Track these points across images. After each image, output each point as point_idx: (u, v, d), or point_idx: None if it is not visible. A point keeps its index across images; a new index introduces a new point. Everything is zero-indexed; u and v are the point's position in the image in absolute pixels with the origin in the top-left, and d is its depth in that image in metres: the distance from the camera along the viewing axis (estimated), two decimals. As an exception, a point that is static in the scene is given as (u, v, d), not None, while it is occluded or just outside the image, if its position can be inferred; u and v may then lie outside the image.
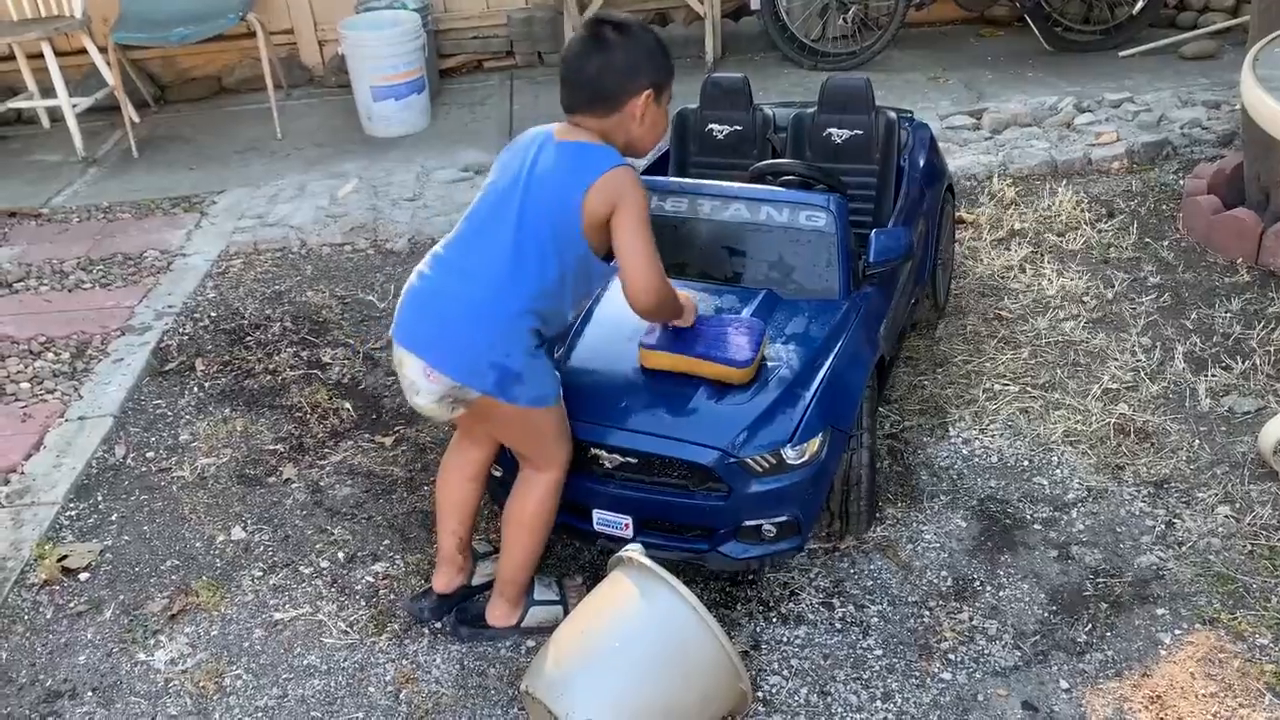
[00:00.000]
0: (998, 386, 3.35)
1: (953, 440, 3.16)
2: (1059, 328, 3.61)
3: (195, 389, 3.67)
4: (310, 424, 3.43)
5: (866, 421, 2.72)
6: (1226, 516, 2.80)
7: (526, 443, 2.46)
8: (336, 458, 3.28)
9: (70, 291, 4.35)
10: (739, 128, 3.56)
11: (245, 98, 6.41)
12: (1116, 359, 3.42)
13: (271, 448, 3.34)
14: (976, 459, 3.08)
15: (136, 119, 5.87)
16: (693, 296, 2.63)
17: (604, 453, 2.55)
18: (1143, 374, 3.35)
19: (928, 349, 3.57)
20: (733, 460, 2.46)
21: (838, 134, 3.46)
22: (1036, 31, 6.04)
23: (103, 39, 5.67)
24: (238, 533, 3.02)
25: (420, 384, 2.34)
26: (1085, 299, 3.75)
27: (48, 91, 5.68)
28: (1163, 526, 2.80)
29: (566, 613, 2.55)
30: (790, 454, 2.48)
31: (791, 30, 6.15)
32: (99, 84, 5.82)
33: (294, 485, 3.18)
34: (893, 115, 3.48)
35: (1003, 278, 3.93)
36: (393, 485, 3.15)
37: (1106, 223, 4.22)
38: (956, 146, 4.91)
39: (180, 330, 4.01)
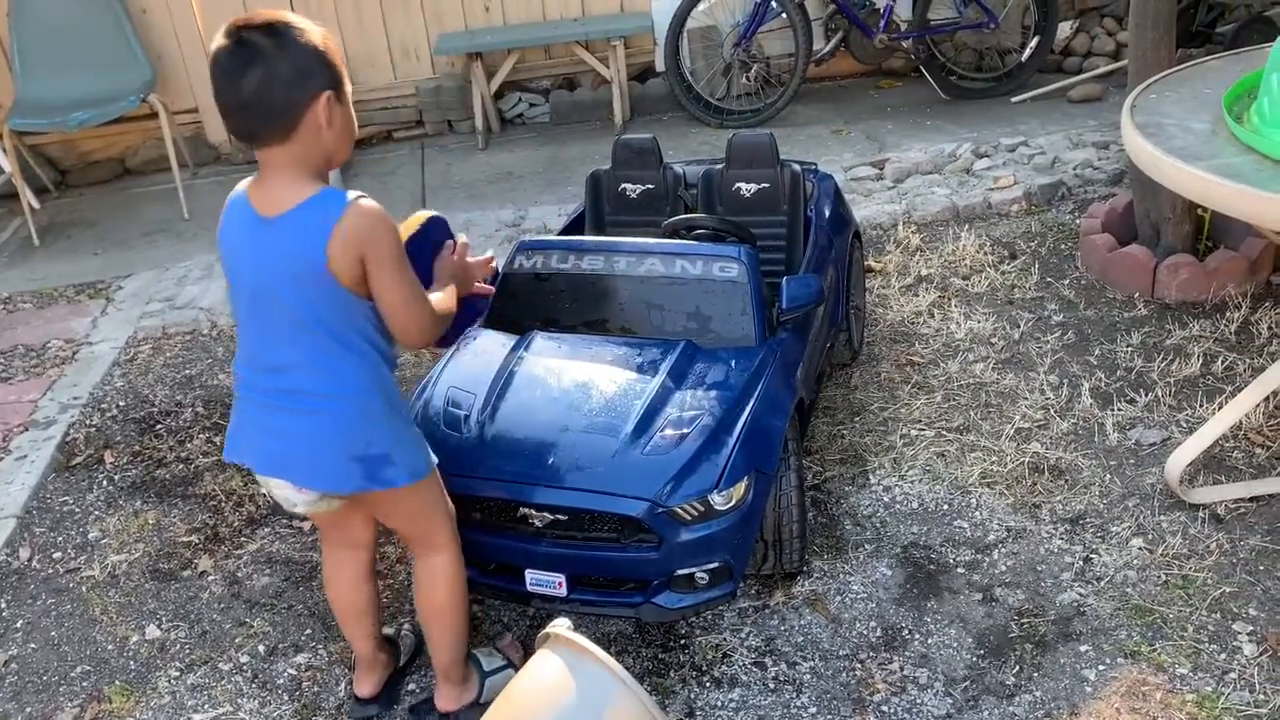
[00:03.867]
0: (914, 432, 3.41)
1: (874, 488, 3.19)
2: (969, 370, 3.69)
3: (104, 482, 3.56)
4: (225, 512, 3.34)
5: (793, 459, 2.76)
6: (1140, 548, 2.87)
7: (413, 522, 2.37)
8: (254, 546, 3.20)
9: (-31, 388, 4.21)
10: (651, 186, 3.64)
11: (150, 179, 6.31)
12: (1027, 398, 3.51)
13: (185, 539, 3.25)
14: (898, 506, 3.12)
15: (36, 205, 5.74)
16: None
17: (533, 511, 2.56)
18: (1052, 412, 3.43)
19: (844, 398, 3.62)
20: (661, 510, 2.49)
21: (746, 188, 3.55)
22: (932, 81, 6.25)
23: (2, 125, 5.55)
24: (152, 631, 2.91)
25: (294, 498, 2.25)
26: (993, 340, 3.85)
27: (-59, 182, 5.54)
28: (1081, 562, 2.85)
29: (516, 670, 2.50)
30: (717, 500, 2.52)
31: (697, 90, 6.27)
32: (-4, 172, 5.69)
33: (210, 578, 3.09)
34: (797, 168, 3.58)
35: (912, 323, 4.02)
36: (313, 571, 3.08)
37: (1009, 264, 4.35)
38: (861, 197, 5.03)
39: (87, 422, 3.89)
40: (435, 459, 2.35)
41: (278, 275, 2.07)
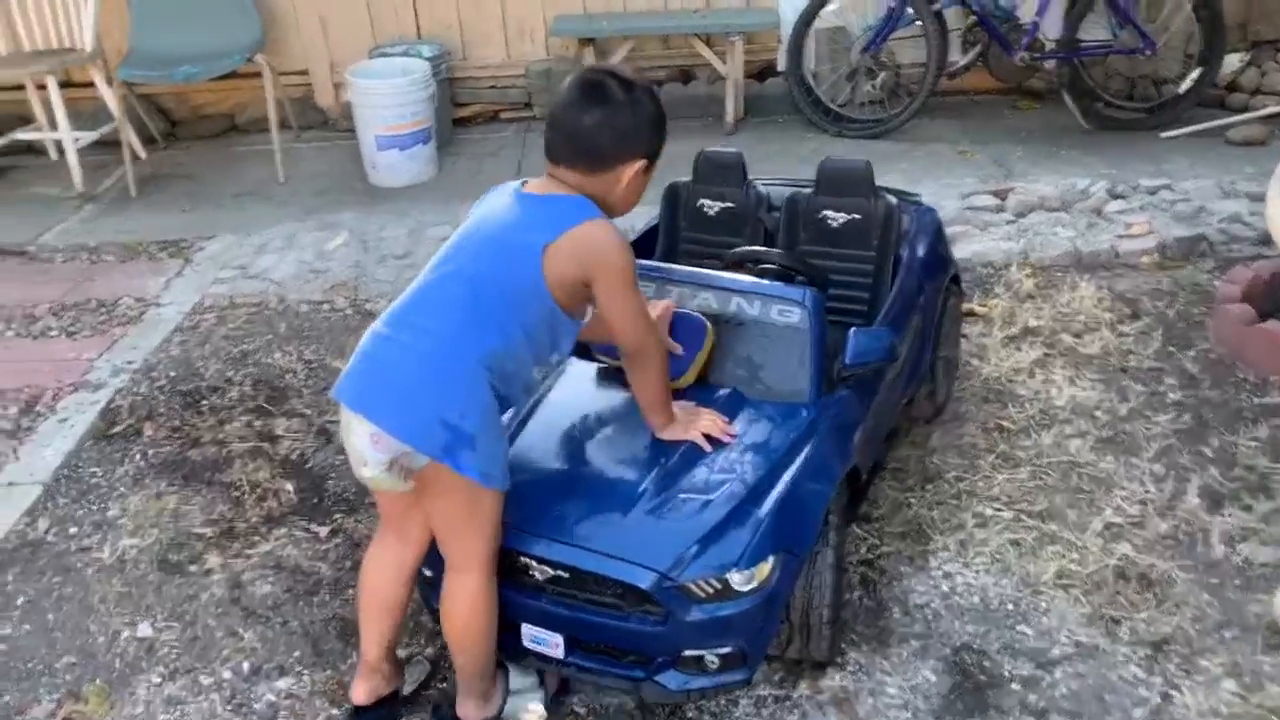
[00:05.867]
0: (989, 511, 3.04)
1: (932, 573, 2.85)
2: (1064, 445, 3.29)
3: (137, 457, 3.47)
4: (245, 506, 3.21)
5: (833, 536, 2.46)
6: (1232, 693, 2.46)
7: (459, 526, 2.23)
8: (265, 547, 3.05)
9: (35, 339, 4.20)
10: (731, 205, 3.35)
11: (256, 137, 6.28)
12: (1124, 488, 3.10)
13: (200, 531, 3.12)
14: (957, 597, 2.78)
15: (142, 155, 5.77)
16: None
17: (534, 563, 2.33)
18: (1151, 508, 3.02)
19: (918, 460, 3.27)
20: (671, 584, 2.22)
21: (834, 217, 3.23)
22: (1073, 107, 5.74)
23: (114, 73, 5.57)
24: (144, 629, 2.79)
25: (367, 453, 2.15)
26: (1096, 413, 3.43)
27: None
28: (1158, 699, 2.46)
29: (547, 694, 2.46)
30: (737, 579, 2.24)
31: (817, 94, 5.92)
32: (109, 118, 5.73)
33: (215, 577, 2.96)
34: (893, 200, 3.23)
35: (1010, 381, 3.62)
36: (317, 585, 2.91)
37: (1129, 325, 3.90)
38: (977, 230, 4.62)
39: (135, 390, 3.82)
40: (508, 487, 2.23)
41: (494, 234, 2.21)
